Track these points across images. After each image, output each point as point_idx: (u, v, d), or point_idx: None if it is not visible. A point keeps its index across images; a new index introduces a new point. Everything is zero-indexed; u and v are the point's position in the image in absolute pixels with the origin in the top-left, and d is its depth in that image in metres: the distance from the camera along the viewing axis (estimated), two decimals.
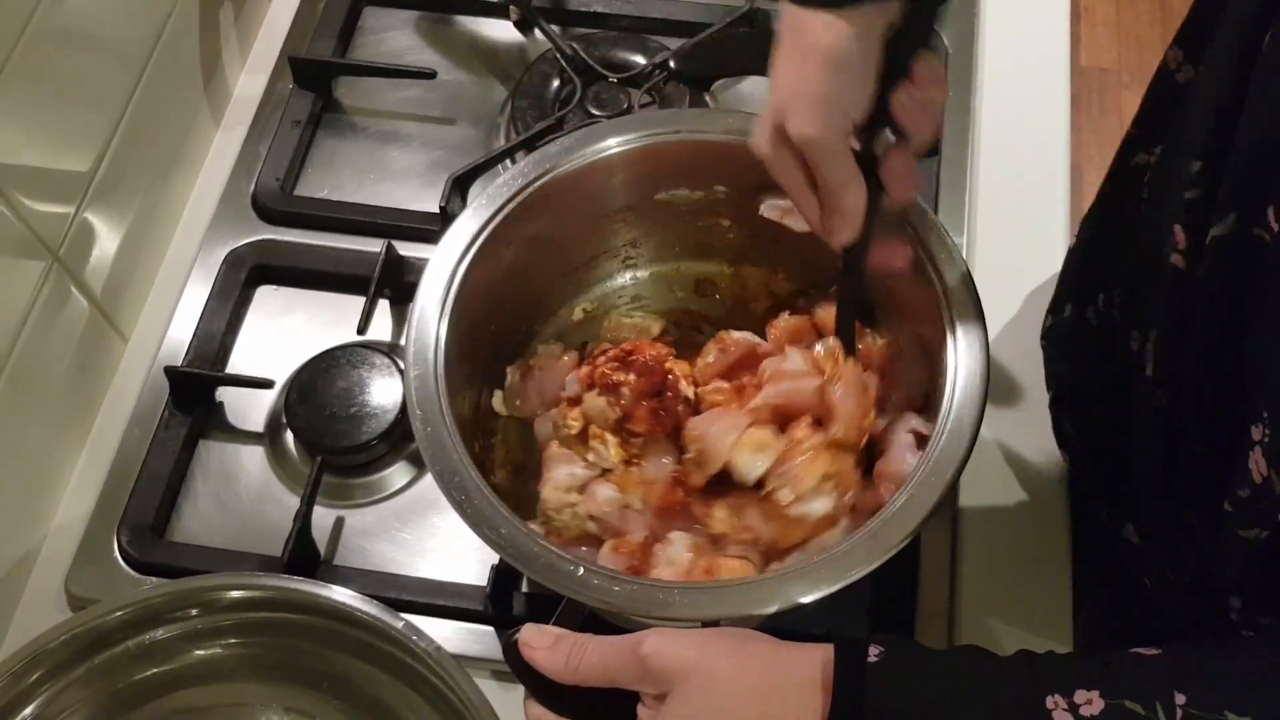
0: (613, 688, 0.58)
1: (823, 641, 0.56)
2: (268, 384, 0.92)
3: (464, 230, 0.79)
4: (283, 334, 0.96)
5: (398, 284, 0.96)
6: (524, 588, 0.84)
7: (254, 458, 0.91)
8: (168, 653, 0.75)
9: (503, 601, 0.83)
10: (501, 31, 1.13)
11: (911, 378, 0.78)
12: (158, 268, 1.00)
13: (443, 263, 0.78)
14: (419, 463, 0.90)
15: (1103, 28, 2.42)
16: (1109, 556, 0.79)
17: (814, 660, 0.55)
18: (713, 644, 0.57)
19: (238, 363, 0.95)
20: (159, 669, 0.76)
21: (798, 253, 0.82)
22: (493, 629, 0.82)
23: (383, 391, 0.90)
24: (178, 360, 0.93)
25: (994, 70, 1.06)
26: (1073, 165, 1.01)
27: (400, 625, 0.71)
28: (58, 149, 0.86)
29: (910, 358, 0.79)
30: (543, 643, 0.59)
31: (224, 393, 0.93)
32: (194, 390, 0.92)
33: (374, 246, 0.95)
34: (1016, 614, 0.81)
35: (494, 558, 0.81)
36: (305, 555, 0.84)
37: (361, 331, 0.91)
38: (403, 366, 0.86)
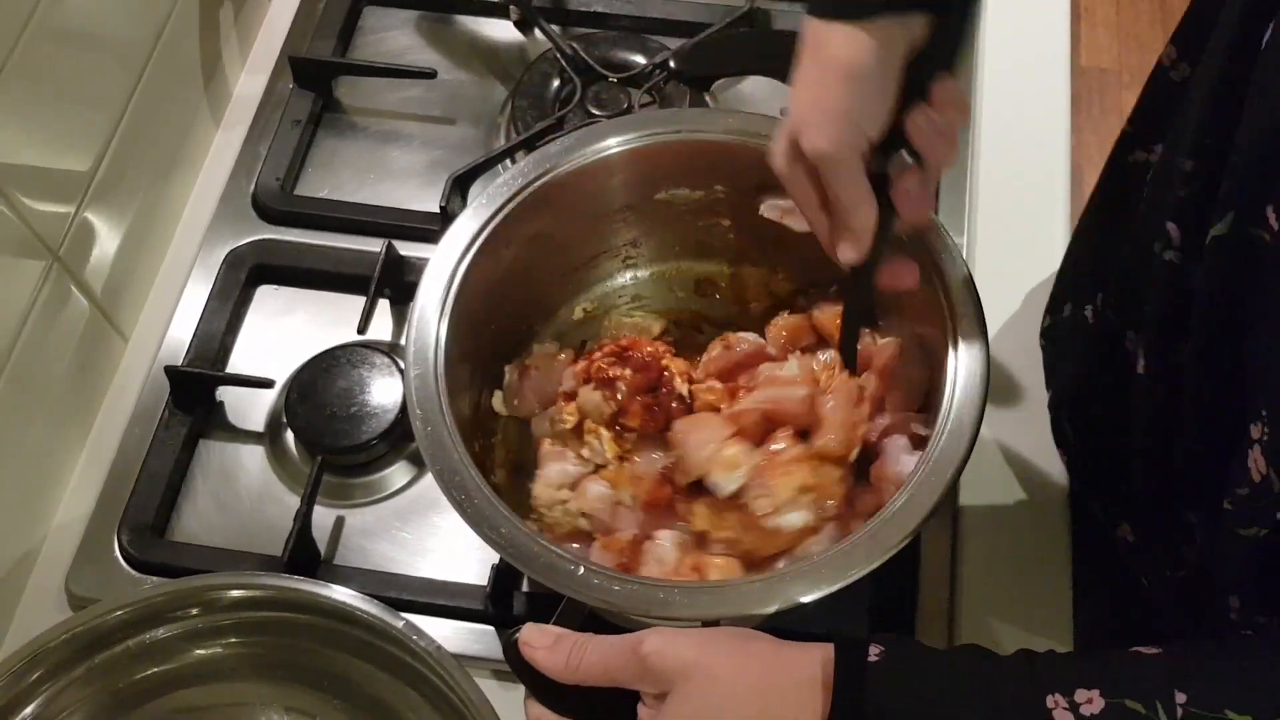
0: (613, 687, 0.58)
1: (823, 641, 0.56)
2: (268, 384, 0.92)
3: (464, 230, 0.79)
4: (283, 334, 0.96)
5: (398, 284, 0.96)
6: (524, 587, 0.84)
7: (254, 457, 0.91)
8: (168, 652, 0.75)
9: (503, 601, 0.83)
10: (501, 31, 1.13)
11: (911, 378, 0.78)
12: (158, 267, 1.00)
13: (443, 262, 0.78)
14: (419, 462, 0.90)
15: (1103, 28, 2.42)
16: (1108, 556, 0.79)
17: (814, 660, 0.55)
18: (713, 643, 0.57)
19: (238, 362, 0.95)
20: (159, 668, 0.76)
21: (798, 253, 0.82)
22: (493, 628, 0.82)
23: (383, 391, 0.90)
24: (178, 360, 0.93)
25: (994, 70, 1.06)
26: (1073, 165, 1.01)
27: (400, 625, 0.71)
28: (58, 149, 0.86)
29: (910, 358, 0.79)
30: (543, 642, 0.59)
31: (224, 392, 0.93)
32: (194, 390, 0.92)
33: (374, 246, 0.95)
34: (1017, 613, 0.81)
35: (494, 557, 0.81)
36: (305, 555, 0.84)
37: (362, 331, 0.91)
38: (403, 366, 0.86)
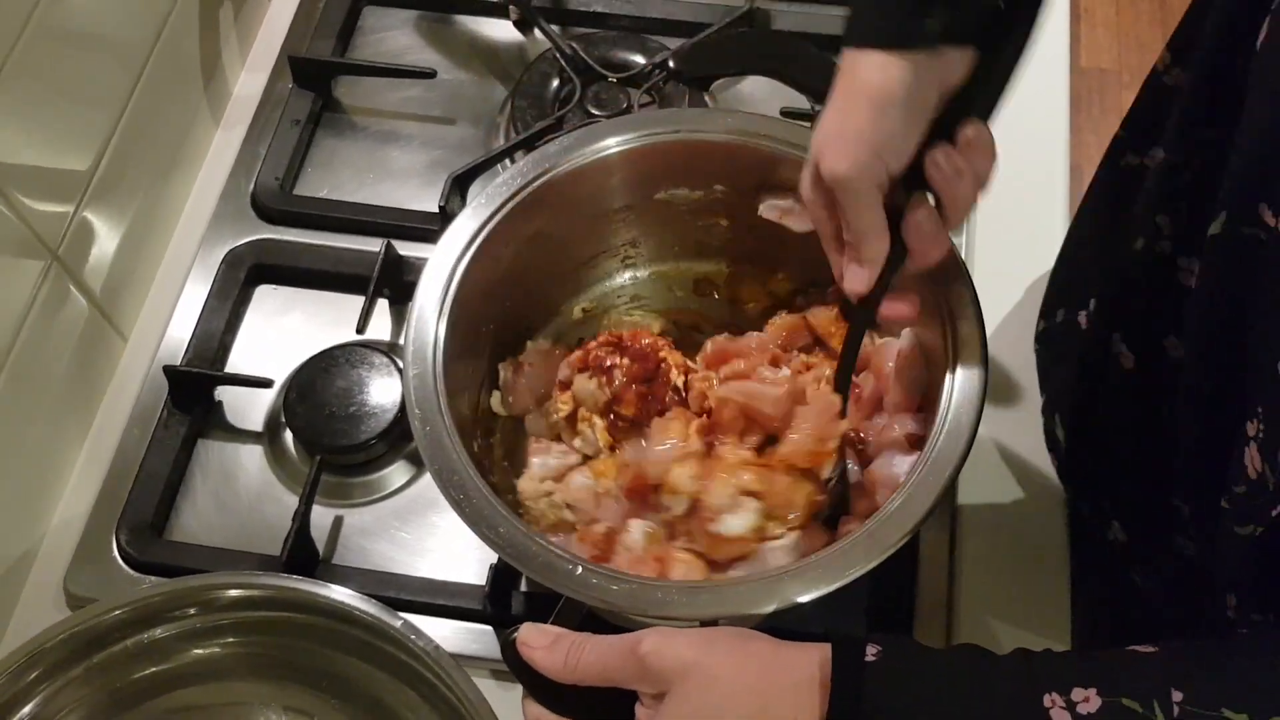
0: (611, 687, 0.58)
1: (821, 641, 0.56)
2: (267, 383, 0.92)
3: (463, 230, 0.79)
4: (282, 333, 0.96)
5: (397, 283, 0.96)
6: (523, 587, 0.84)
7: (253, 457, 0.91)
8: (166, 652, 0.75)
9: (501, 600, 0.83)
10: (501, 31, 1.13)
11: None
12: (157, 267, 1.00)
13: (442, 262, 0.78)
14: (418, 462, 0.90)
15: (1103, 28, 2.42)
16: (1105, 555, 0.79)
17: (812, 659, 0.55)
18: (711, 643, 0.57)
19: (237, 362, 0.95)
20: (158, 668, 0.76)
21: (797, 253, 0.81)
22: (491, 628, 0.82)
23: (382, 391, 0.90)
24: (177, 359, 0.93)
25: None
26: (1072, 165, 1.01)
27: (399, 624, 0.71)
28: (57, 148, 0.86)
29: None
30: (541, 642, 0.59)
31: (223, 392, 0.93)
32: (193, 389, 0.92)
33: (373, 246, 0.95)
34: (1014, 613, 0.82)
35: (492, 557, 0.81)
36: (304, 554, 0.84)
37: (360, 331, 0.91)
38: (402, 366, 0.86)
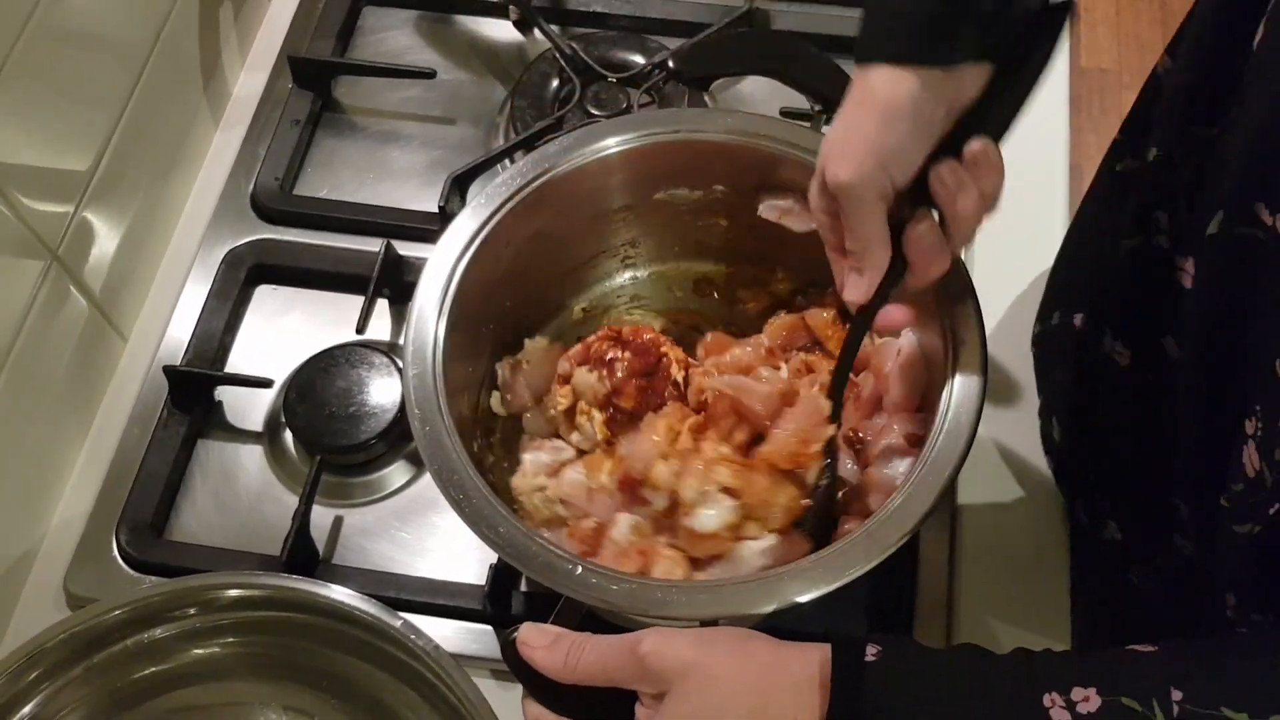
0: (611, 687, 0.58)
1: (821, 641, 0.56)
2: (266, 383, 0.92)
3: (463, 229, 0.79)
4: (281, 333, 0.96)
5: (397, 283, 0.96)
6: (523, 586, 0.84)
7: (253, 457, 0.91)
8: (166, 652, 0.75)
9: (501, 600, 0.83)
10: (501, 31, 1.13)
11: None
12: (157, 267, 1.00)
13: (442, 262, 0.78)
14: (418, 462, 0.90)
15: (1103, 28, 2.42)
16: (1104, 555, 0.79)
17: (812, 659, 0.55)
18: (711, 643, 0.57)
19: (236, 362, 0.95)
20: (157, 668, 0.76)
21: (796, 253, 0.82)
22: (491, 628, 0.82)
23: (381, 391, 0.90)
24: (177, 359, 0.93)
25: None
26: (1072, 165, 1.01)
27: (399, 624, 0.71)
28: (57, 148, 0.86)
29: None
30: (541, 641, 0.59)
31: (223, 392, 0.93)
32: (193, 389, 0.92)
33: (373, 246, 0.95)
34: (1014, 612, 0.82)
35: (492, 557, 0.81)
36: (304, 554, 0.84)
37: (360, 331, 0.91)
38: (401, 366, 0.86)
